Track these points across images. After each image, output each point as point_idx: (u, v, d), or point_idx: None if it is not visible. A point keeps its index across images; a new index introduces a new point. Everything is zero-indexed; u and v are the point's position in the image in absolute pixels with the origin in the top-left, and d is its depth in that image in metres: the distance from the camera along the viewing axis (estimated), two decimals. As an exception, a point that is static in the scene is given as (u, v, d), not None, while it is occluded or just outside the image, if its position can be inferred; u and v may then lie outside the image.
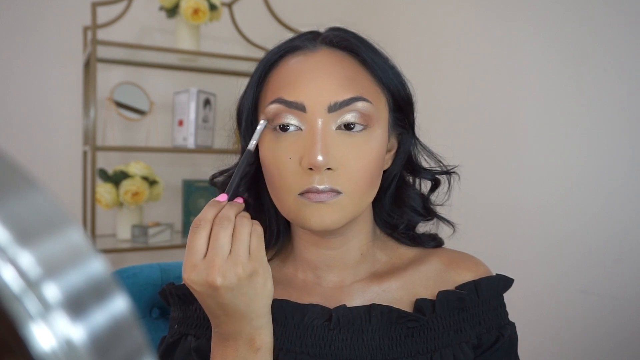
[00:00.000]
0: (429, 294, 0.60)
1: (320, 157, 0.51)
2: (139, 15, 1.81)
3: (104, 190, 1.64)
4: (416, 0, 1.81)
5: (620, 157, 1.18)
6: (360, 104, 0.54)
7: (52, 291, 0.14)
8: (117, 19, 1.67)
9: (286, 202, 0.55)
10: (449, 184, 0.65)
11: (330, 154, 0.53)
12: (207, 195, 1.86)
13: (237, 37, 1.89)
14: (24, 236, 0.14)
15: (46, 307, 0.14)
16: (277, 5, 1.87)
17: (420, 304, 0.59)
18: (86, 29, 1.76)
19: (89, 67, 1.63)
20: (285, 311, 0.59)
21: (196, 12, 1.66)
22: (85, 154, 1.78)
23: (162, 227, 1.72)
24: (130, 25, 1.79)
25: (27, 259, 0.14)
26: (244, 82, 0.62)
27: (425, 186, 0.66)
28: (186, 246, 0.49)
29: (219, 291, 0.47)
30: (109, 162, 1.81)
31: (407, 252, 0.65)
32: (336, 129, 0.54)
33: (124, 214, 1.73)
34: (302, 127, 0.54)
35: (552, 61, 1.32)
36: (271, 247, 0.66)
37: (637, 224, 1.15)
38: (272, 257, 0.66)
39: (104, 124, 1.79)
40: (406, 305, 0.60)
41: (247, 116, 0.60)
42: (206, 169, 1.98)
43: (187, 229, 1.80)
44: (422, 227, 0.67)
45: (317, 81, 0.54)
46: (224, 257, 0.48)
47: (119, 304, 0.16)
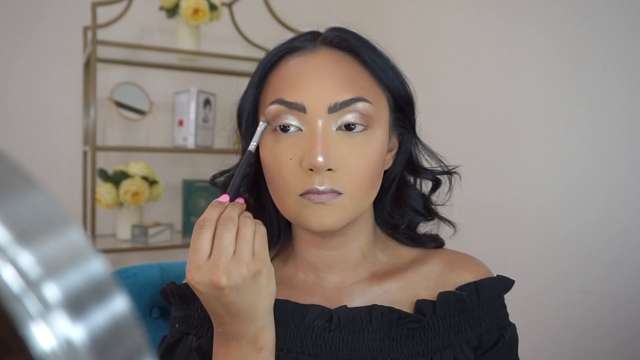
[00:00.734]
0: (430, 295, 0.60)
1: (320, 158, 0.51)
2: (139, 15, 1.81)
3: (104, 190, 1.64)
4: (416, 0, 1.81)
5: (620, 157, 1.18)
6: (360, 105, 0.54)
7: (52, 291, 0.14)
8: (117, 19, 1.67)
9: (287, 202, 0.55)
10: (450, 184, 0.65)
11: (330, 155, 0.53)
12: (207, 195, 1.86)
13: (237, 37, 1.89)
14: (24, 236, 0.14)
15: (46, 307, 0.14)
16: (277, 5, 1.87)
17: (420, 305, 0.59)
18: (86, 29, 1.76)
19: (89, 67, 1.63)
20: (286, 312, 0.59)
21: (196, 12, 1.66)
22: (85, 154, 1.78)
23: (162, 227, 1.72)
24: (130, 25, 1.78)
25: (27, 259, 0.14)
26: (244, 82, 0.62)
27: (425, 186, 0.66)
28: (190, 247, 0.49)
29: (223, 292, 0.48)
30: (109, 162, 1.81)
31: (408, 252, 0.65)
32: (336, 130, 0.54)
33: (124, 214, 1.73)
34: (303, 128, 0.54)
35: (552, 61, 1.32)
36: (272, 247, 0.66)
37: (637, 224, 1.15)
38: (273, 258, 0.66)
39: (104, 124, 1.79)
40: (406, 306, 0.60)
41: (248, 117, 0.60)
42: (206, 169, 1.98)
43: (187, 229, 1.80)
44: (423, 228, 0.67)
45: (317, 82, 0.54)
46: (229, 257, 0.48)
47: (119, 304, 0.16)
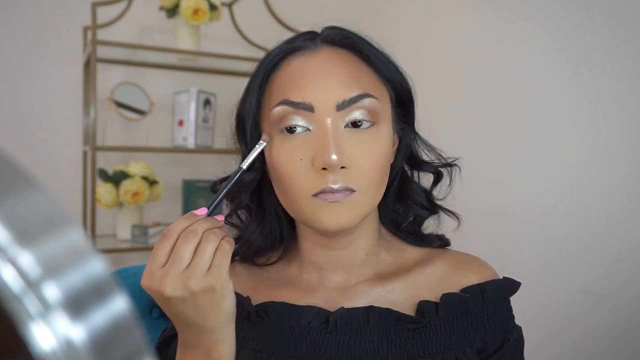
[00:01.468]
0: (433, 296, 0.59)
1: (334, 157, 0.51)
2: (139, 15, 1.81)
3: (104, 190, 1.64)
4: (416, 0, 1.81)
5: (620, 157, 1.18)
6: (367, 101, 0.54)
7: (52, 291, 0.14)
8: (117, 19, 1.67)
9: (299, 204, 0.55)
10: (451, 177, 0.65)
11: (343, 153, 0.53)
12: (207, 195, 1.86)
13: (237, 37, 1.89)
14: (24, 236, 0.14)
15: (46, 307, 0.14)
16: (277, 5, 1.87)
17: (422, 307, 0.58)
18: (86, 29, 1.76)
19: (89, 67, 1.63)
20: (281, 313, 0.59)
21: (196, 12, 1.66)
22: (85, 154, 1.78)
23: (162, 227, 1.72)
24: (130, 25, 1.78)
25: (27, 259, 0.14)
26: (244, 82, 0.61)
27: (426, 182, 0.66)
28: (151, 254, 0.51)
29: (170, 301, 0.49)
30: (109, 162, 1.81)
31: (412, 253, 0.64)
32: (344, 127, 0.54)
33: (124, 214, 1.73)
34: (311, 128, 0.54)
35: (552, 61, 1.32)
36: (276, 249, 0.66)
37: (637, 223, 1.15)
38: (278, 259, 0.65)
39: (104, 124, 1.78)
40: (409, 307, 0.59)
41: (252, 121, 0.59)
42: (206, 169, 1.98)
43: (187, 229, 1.80)
44: (425, 225, 0.67)
45: (323, 80, 0.54)
46: (180, 269, 0.48)
47: (119, 304, 0.16)
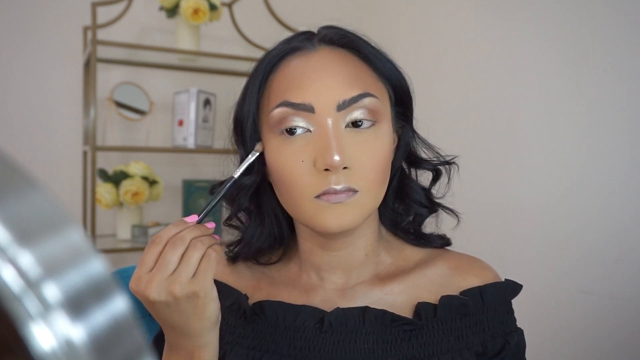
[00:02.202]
0: (433, 298, 0.59)
1: (337, 157, 0.51)
2: (139, 15, 1.81)
3: (104, 190, 1.64)
4: (416, 0, 1.81)
5: (620, 157, 1.18)
6: (367, 100, 0.54)
7: (52, 291, 0.14)
8: (117, 19, 1.67)
9: (302, 206, 0.54)
10: (449, 175, 0.64)
11: (345, 153, 0.52)
12: (207, 195, 1.86)
13: (237, 37, 1.89)
14: (24, 236, 0.14)
15: (46, 307, 0.14)
16: (277, 5, 1.87)
17: (420, 308, 0.58)
18: (86, 29, 1.76)
19: (89, 67, 1.63)
20: (277, 312, 0.59)
21: (196, 12, 1.66)
22: (85, 154, 1.78)
23: (162, 227, 1.72)
24: (130, 25, 1.78)
25: (27, 259, 0.14)
26: (244, 82, 0.61)
27: (425, 181, 0.66)
28: (139, 260, 0.52)
29: (154, 305, 0.50)
30: (109, 162, 1.81)
31: (413, 254, 0.64)
32: (345, 127, 0.54)
33: (124, 214, 1.73)
34: (311, 129, 0.54)
35: (552, 61, 1.32)
36: (275, 251, 0.66)
37: (637, 223, 1.15)
38: (279, 259, 0.66)
39: (104, 124, 1.78)
40: (408, 309, 0.59)
41: (252, 123, 0.59)
42: (206, 169, 1.98)
43: (187, 229, 1.80)
44: (424, 227, 0.67)
45: (323, 80, 0.54)
46: (165, 275, 0.49)
47: (119, 304, 0.16)
